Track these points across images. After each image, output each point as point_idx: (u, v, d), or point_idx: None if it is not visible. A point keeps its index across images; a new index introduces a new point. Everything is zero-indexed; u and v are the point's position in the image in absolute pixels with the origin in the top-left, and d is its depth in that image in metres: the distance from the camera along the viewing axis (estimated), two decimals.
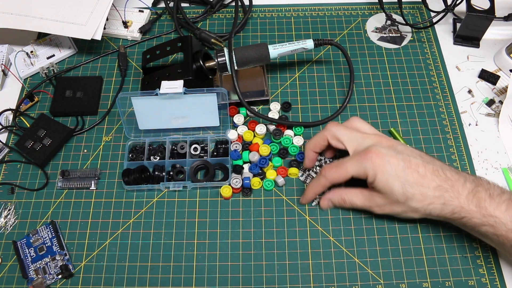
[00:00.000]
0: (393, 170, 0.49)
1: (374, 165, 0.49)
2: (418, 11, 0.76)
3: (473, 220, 0.47)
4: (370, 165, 0.49)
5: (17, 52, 0.69)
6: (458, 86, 0.67)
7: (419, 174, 0.48)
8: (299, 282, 0.52)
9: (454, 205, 0.48)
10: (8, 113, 0.65)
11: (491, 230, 0.47)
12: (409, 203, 0.49)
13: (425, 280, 0.52)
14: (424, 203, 0.49)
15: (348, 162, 0.51)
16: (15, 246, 0.55)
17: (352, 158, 0.51)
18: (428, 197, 0.48)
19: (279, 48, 0.62)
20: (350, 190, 0.54)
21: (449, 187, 0.48)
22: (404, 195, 0.49)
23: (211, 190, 0.59)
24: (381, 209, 0.52)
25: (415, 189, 0.48)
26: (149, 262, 0.54)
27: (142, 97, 0.58)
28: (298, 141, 0.61)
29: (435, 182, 0.48)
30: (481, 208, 0.47)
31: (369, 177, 0.50)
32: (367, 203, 0.53)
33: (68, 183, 0.59)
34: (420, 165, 0.49)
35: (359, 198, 0.53)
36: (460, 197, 0.47)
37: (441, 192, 0.48)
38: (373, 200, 0.52)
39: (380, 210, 0.52)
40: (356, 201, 0.54)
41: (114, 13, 0.73)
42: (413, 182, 0.48)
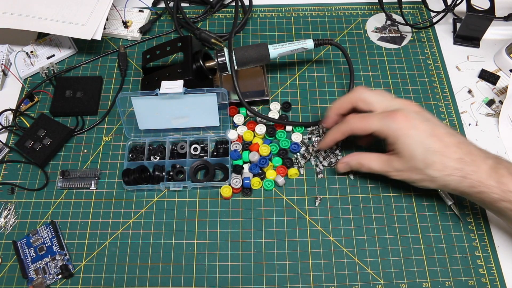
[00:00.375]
0: (418, 135, 0.49)
1: (399, 127, 0.49)
2: (418, 11, 0.76)
3: (492, 195, 0.47)
4: (395, 126, 0.49)
5: (17, 52, 0.69)
6: (458, 86, 0.67)
7: (443, 143, 0.48)
8: (299, 282, 0.52)
9: (473, 179, 0.48)
10: (8, 113, 0.65)
11: (510, 206, 0.47)
12: (428, 171, 0.49)
13: (425, 280, 0.52)
14: (443, 173, 0.49)
15: (374, 117, 0.51)
16: (15, 246, 0.55)
17: (379, 114, 0.51)
18: (448, 168, 0.48)
19: (279, 48, 0.62)
20: (367, 154, 0.55)
21: (470, 160, 0.48)
22: (424, 162, 0.49)
23: (211, 190, 0.59)
24: (399, 174, 0.52)
25: (436, 157, 0.48)
26: (149, 262, 0.54)
27: (142, 97, 0.58)
28: (297, 137, 0.61)
29: (457, 154, 0.48)
30: (501, 183, 0.47)
31: (391, 137, 0.50)
32: (384, 167, 0.53)
33: (68, 183, 0.59)
34: (446, 135, 0.49)
35: (377, 162, 0.53)
36: (480, 171, 0.47)
37: (462, 164, 0.48)
38: (391, 165, 0.52)
39: (397, 175, 0.52)
40: (373, 165, 0.53)
41: (114, 13, 0.73)
42: (435, 150, 0.48)
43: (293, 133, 0.62)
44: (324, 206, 0.57)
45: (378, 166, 0.53)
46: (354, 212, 0.57)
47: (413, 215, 0.56)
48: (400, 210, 0.57)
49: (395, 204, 0.57)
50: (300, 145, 0.61)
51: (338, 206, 0.57)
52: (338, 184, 0.59)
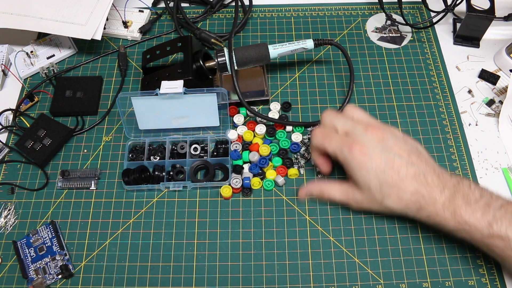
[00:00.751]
0: (373, 169, 0.48)
1: (355, 158, 0.49)
2: (418, 11, 0.76)
3: (448, 226, 0.48)
4: (350, 157, 0.49)
5: (17, 52, 0.69)
6: (458, 86, 0.67)
7: (399, 176, 0.48)
8: (299, 282, 0.52)
9: (430, 211, 0.48)
10: (8, 113, 0.65)
11: (467, 236, 0.47)
12: (386, 203, 0.49)
13: (425, 280, 0.52)
14: (400, 205, 0.49)
15: (333, 140, 0.51)
16: (15, 246, 0.55)
17: (339, 138, 0.51)
18: (404, 200, 0.49)
19: (279, 48, 0.62)
20: (330, 182, 0.55)
21: (426, 193, 0.48)
22: (381, 194, 0.49)
23: (211, 190, 0.59)
24: (358, 205, 0.52)
25: (392, 190, 0.49)
26: (149, 262, 0.54)
27: (142, 97, 0.58)
28: (297, 137, 0.61)
29: (413, 187, 0.48)
30: (456, 215, 0.47)
31: (347, 166, 0.50)
32: (345, 198, 0.53)
33: (68, 183, 0.59)
34: (403, 165, 0.48)
35: (338, 192, 0.53)
36: (436, 204, 0.47)
37: (418, 197, 0.48)
38: (351, 196, 0.52)
39: (357, 206, 0.52)
40: (334, 195, 0.53)
41: (114, 13, 0.73)
42: (391, 183, 0.48)
43: (293, 133, 0.62)
44: (324, 206, 0.57)
45: (339, 196, 0.53)
46: (354, 212, 0.57)
47: None
48: None
49: None
50: (300, 145, 0.61)
51: (338, 206, 0.57)
52: None
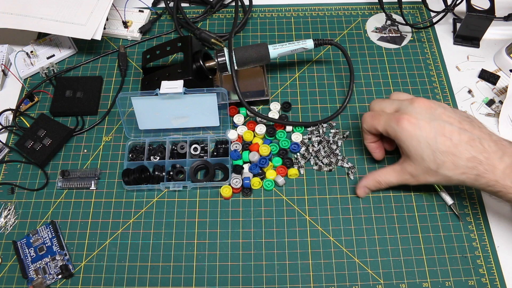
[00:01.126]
0: (424, 137, 0.48)
1: (404, 129, 0.49)
2: (418, 11, 0.76)
3: (509, 195, 0.47)
4: (399, 129, 0.49)
5: (17, 52, 0.69)
6: (458, 86, 0.67)
7: (452, 142, 0.47)
8: (299, 282, 0.52)
9: (489, 178, 0.47)
10: (8, 113, 0.65)
11: None
12: (441, 171, 0.48)
13: (425, 280, 0.52)
14: (456, 172, 0.48)
15: (382, 117, 0.52)
16: (15, 246, 0.55)
17: (387, 115, 0.51)
18: (461, 167, 0.47)
19: (279, 48, 0.62)
20: (382, 170, 0.55)
21: (484, 159, 0.46)
22: (435, 163, 0.48)
23: (211, 190, 0.59)
24: (415, 179, 0.51)
25: (446, 157, 0.47)
26: (149, 262, 0.54)
27: (142, 97, 0.58)
28: (297, 137, 0.61)
29: (468, 153, 0.47)
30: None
31: (397, 139, 0.50)
32: (401, 177, 0.52)
33: (68, 183, 0.59)
34: (455, 132, 0.47)
35: (392, 175, 0.53)
36: (496, 171, 0.46)
37: (475, 163, 0.47)
38: (406, 172, 0.51)
39: (415, 181, 0.52)
40: (390, 179, 0.53)
41: (114, 13, 0.73)
42: (444, 150, 0.47)
43: (293, 133, 0.62)
44: (324, 206, 0.57)
45: (395, 178, 0.53)
46: (354, 212, 0.57)
47: (413, 215, 0.56)
48: (400, 210, 0.57)
49: (395, 204, 0.57)
50: (300, 145, 0.61)
51: (338, 206, 0.57)
52: (338, 184, 0.59)
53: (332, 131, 0.62)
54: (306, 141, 0.61)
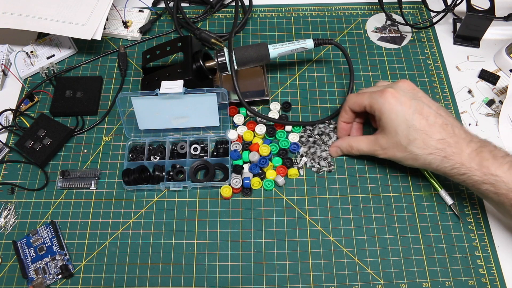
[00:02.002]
0: (403, 112, 0.51)
1: (386, 102, 0.52)
2: (418, 11, 0.76)
3: (473, 177, 0.48)
4: (382, 101, 0.52)
5: (17, 52, 0.69)
6: (458, 86, 0.67)
7: (427, 122, 0.50)
8: (299, 282, 0.52)
9: (455, 161, 0.49)
10: (8, 113, 0.65)
11: (492, 188, 0.48)
12: (411, 148, 0.51)
13: (425, 280, 0.52)
14: (425, 151, 0.50)
15: (367, 93, 0.55)
16: (15, 246, 0.55)
17: (371, 91, 0.54)
18: (430, 147, 0.50)
19: (279, 48, 0.62)
20: (356, 137, 0.58)
21: (453, 142, 0.49)
22: (407, 138, 0.50)
23: (211, 190, 0.59)
24: (384, 152, 0.54)
25: (418, 135, 0.50)
26: (149, 262, 0.54)
27: (142, 97, 0.58)
28: (294, 137, 0.61)
29: (440, 134, 0.49)
30: (482, 166, 0.48)
31: (377, 111, 0.53)
32: (372, 147, 0.55)
33: (68, 183, 0.59)
34: (432, 114, 0.50)
35: (365, 142, 0.56)
36: (463, 154, 0.49)
37: (444, 145, 0.49)
38: (377, 143, 0.54)
39: (383, 154, 0.54)
40: (362, 146, 0.56)
41: (114, 13, 0.73)
42: (418, 127, 0.50)
43: (290, 133, 0.62)
44: (324, 206, 0.57)
45: (366, 147, 0.56)
46: (354, 212, 0.57)
47: (413, 215, 0.56)
48: (400, 210, 0.57)
49: (395, 204, 0.57)
50: (300, 145, 0.61)
51: (338, 206, 0.57)
52: (338, 184, 0.59)
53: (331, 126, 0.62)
54: (304, 140, 0.61)
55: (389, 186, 0.58)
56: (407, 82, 0.54)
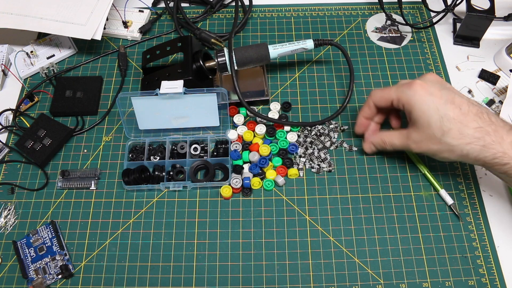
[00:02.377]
0: (434, 102, 0.48)
1: (415, 94, 0.49)
2: (418, 11, 0.76)
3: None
4: (411, 93, 0.50)
5: (17, 52, 0.69)
6: (458, 86, 0.67)
7: (461, 111, 0.47)
8: (299, 282, 0.52)
9: (496, 150, 0.46)
10: (8, 113, 0.65)
11: None
12: (445, 139, 0.48)
13: (425, 280, 0.52)
14: (461, 141, 0.47)
15: (393, 87, 0.53)
16: (15, 246, 0.55)
17: (398, 85, 0.53)
18: (467, 136, 0.47)
19: (279, 48, 0.62)
20: (389, 132, 0.56)
21: (492, 131, 0.46)
22: (441, 129, 0.48)
23: (211, 190, 0.59)
24: (418, 146, 0.52)
25: (453, 124, 0.47)
26: (149, 262, 0.54)
27: (142, 97, 0.58)
28: (292, 137, 0.61)
29: (476, 123, 0.47)
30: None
31: (407, 105, 0.51)
32: (404, 141, 0.53)
33: (68, 183, 0.59)
34: (464, 103, 0.48)
35: (398, 137, 0.54)
36: (504, 142, 0.46)
37: (482, 134, 0.47)
38: (410, 137, 0.52)
39: (417, 148, 0.52)
40: (395, 141, 0.55)
41: (114, 13, 0.73)
42: (452, 117, 0.47)
43: (289, 132, 0.62)
44: (324, 206, 0.57)
45: (399, 141, 0.54)
46: (354, 212, 0.57)
47: (413, 215, 0.56)
48: (400, 210, 0.57)
49: (395, 204, 0.57)
50: (298, 146, 0.61)
51: (338, 206, 0.57)
52: (338, 184, 0.59)
53: (330, 126, 0.62)
54: (301, 141, 0.61)
55: (389, 186, 0.58)
56: (434, 75, 0.52)
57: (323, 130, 0.62)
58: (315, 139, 0.61)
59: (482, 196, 0.58)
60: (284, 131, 0.62)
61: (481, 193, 0.58)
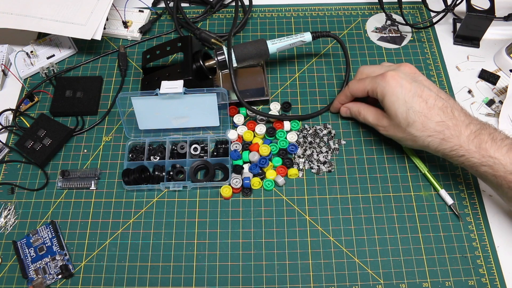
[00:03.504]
0: (403, 94, 0.52)
1: (387, 85, 0.53)
2: (418, 11, 0.76)
3: (472, 159, 0.49)
4: (383, 84, 0.53)
5: (17, 52, 0.69)
6: (458, 86, 0.67)
7: (427, 104, 0.51)
8: (299, 282, 0.52)
9: (453, 143, 0.50)
10: (8, 113, 0.65)
11: (490, 170, 0.48)
12: (410, 130, 0.52)
13: (425, 280, 0.52)
14: (424, 133, 0.51)
15: (369, 78, 0.56)
16: (15, 246, 0.55)
17: (373, 76, 0.55)
18: (429, 129, 0.50)
19: (278, 43, 0.62)
20: (367, 106, 0.59)
21: (452, 125, 0.50)
22: (406, 120, 0.51)
23: (211, 190, 0.59)
24: (385, 129, 0.56)
25: (417, 117, 0.51)
26: (149, 262, 0.54)
27: (142, 97, 0.58)
28: (292, 137, 0.61)
29: (439, 117, 0.50)
30: (481, 149, 0.48)
31: (379, 95, 0.54)
32: (375, 121, 0.57)
33: (68, 183, 0.59)
34: (432, 97, 0.51)
35: (372, 114, 0.57)
36: (461, 136, 0.49)
37: (443, 127, 0.50)
38: (381, 120, 0.56)
39: (384, 131, 0.56)
40: (368, 117, 0.58)
41: (114, 13, 0.73)
42: (418, 110, 0.51)
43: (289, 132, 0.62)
44: (324, 206, 0.57)
45: (371, 119, 0.57)
46: (354, 212, 0.57)
47: (413, 215, 0.56)
48: (400, 210, 0.57)
49: (395, 204, 0.57)
50: (298, 146, 0.60)
51: (338, 206, 0.57)
52: (338, 184, 0.59)
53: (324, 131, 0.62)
54: (301, 141, 0.61)
55: (389, 186, 0.58)
56: (409, 66, 0.55)
57: (320, 131, 0.62)
58: (313, 141, 0.61)
59: (482, 196, 0.58)
60: (284, 131, 0.62)
61: (481, 193, 0.58)
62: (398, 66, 0.55)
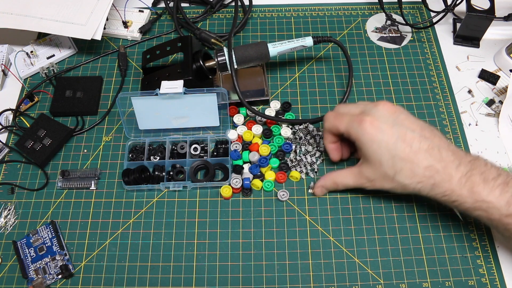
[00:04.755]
0: (385, 141, 0.47)
1: (365, 133, 0.48)
2: (418, 11, 0.76)
3: (465, 204, 0.46)
4: (361, 131, 0.49)
5: (17, 52, 0.69)
6: (458, 86, 0.67)
7: (412, 149, 0.47)
8: (299, 282, 0.52)
9: (445, 188, 0.46)
10: (8, 113, 0.65)
11: (484, 214, 0.46)
12: (398, 178, 0.48)
13: (425, 280, 0.52)
14: (413, 180, 0.47)
15: (345, 117, 0.51)
16: (15, 246, 0.55)
17: (350, 116, 0.51)
18: (418, 175, 0.47)
19: (279, 47, 0.62)
20: (340, 172, 0.55)
21: (441, 168, 0.46)
22: (393, 169, 0.48)
23: (211, 190, 0.59)
24: (372, 184, 0.51)
25: (404, 164, 0.47)
26: (149, 262, 0.54)
27: (142, 97, 0.58)
28: (286, 132, 0.61)
29: (427, 161, 0.47)
30: (473, 193, 0.45)
31: (358, 141, 0.50)
32: (358, 180, 0.52)
33: (68, 183, 0.59)
34: (415, 139, 0.47)
35: (350, 177, 0.53)
36: (452, 180, 0.46)
37: (432, 172, 0.47)
38: (363, 175, 0.51)
39: (371, 185, 0.51)
40: (347, 181, 0.53)
41: (114, 13, 0.73)
42: (403, 157, 0.47)
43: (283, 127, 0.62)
44: (324, 206, 0.57)
45: (352, 181, 0.53)
46: (354, 212, 0.57)
47: (413, 215, 0.56)
48: (400, 210, 0.57)
49: (395, 204, 0.57)
50: (292, 143, 0.60)
51: (338, 206, 0.57)
52: None
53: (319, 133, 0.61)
54: (297, 138, 0.61)
55: None
56: (387, 105, 0.49)
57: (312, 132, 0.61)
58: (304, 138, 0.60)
59: None
60: (279, 126, 0.62)
61: None
62: (375, 106, 0.50)
